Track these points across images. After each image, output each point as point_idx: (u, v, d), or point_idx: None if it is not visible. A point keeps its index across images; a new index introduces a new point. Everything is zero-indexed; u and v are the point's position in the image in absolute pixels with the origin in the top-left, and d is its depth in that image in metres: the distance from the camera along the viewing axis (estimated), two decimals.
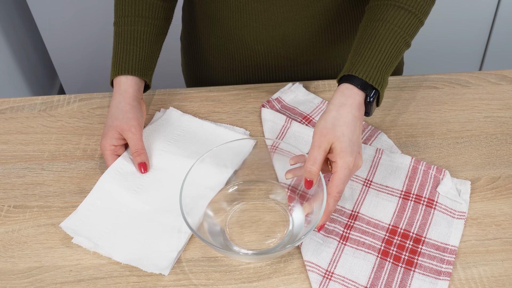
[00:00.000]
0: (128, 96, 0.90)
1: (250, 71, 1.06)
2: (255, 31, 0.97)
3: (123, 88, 0.90)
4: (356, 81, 0.78)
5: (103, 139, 0.87)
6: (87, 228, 0.81)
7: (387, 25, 0.81)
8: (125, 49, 0.92)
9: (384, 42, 0.80)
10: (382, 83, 0.79)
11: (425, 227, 0.80)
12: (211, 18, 1.00)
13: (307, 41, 0.99)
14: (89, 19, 1.86)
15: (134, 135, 0.87)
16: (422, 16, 0.83)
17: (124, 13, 0.93)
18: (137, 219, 0.82)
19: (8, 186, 0.88)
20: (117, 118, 0.87)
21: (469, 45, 2.00)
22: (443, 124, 0.94)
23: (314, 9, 0.94)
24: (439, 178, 0.85)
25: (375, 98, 0.79)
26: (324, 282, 0.75)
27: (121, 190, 0.84)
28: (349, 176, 0.75)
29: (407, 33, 0.81)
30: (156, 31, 0.94)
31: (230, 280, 0.76)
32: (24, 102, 1.01)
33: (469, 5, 1.87)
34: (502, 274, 0.76)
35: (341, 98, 0.77)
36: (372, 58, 0.79)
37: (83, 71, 2.02)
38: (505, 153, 0.89)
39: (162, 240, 0.79)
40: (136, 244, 0.79)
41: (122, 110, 0.88)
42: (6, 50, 1.85)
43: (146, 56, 0.92)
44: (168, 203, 0.83)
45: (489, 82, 1.00)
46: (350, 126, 0.76)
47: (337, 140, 0.75)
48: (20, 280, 0.77)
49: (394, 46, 0.80)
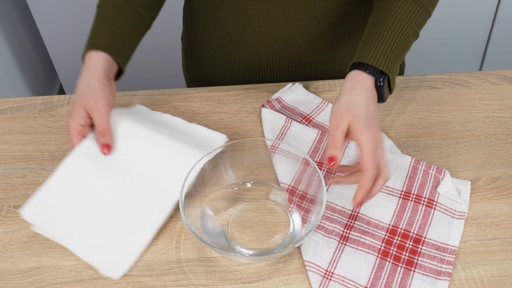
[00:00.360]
0: (98, 73, 0.86)
1: (251, 72, 1.06)
2: (257, 32, 0.97)
3: (93, 65, 0.86)
4: (365, 67, 0.79)
5: (69, 118, 0.84)
6: (47, 216, 0.79)
7: (395, 14, 0.81)
8: (102, 27, 0.89)
9: (393, 30, 0.81)
10: (392, 69, 0.79)
11: (425, 227, 0.80)
12: (212, 19, 1.00)
13: (308, 43, 0.99)
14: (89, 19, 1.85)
15: (101, 114, 0.84)
16: (429, 7, 0.84)
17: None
18: (100, 209, 0.80)
19: (8, 186, 0.88)
20: (85, 96, 0.84)
21: (469, 45, 2.00)
22: (443, 124, 0.94)
23: (316, 11, 0.94)
24: (439, 178, 0.85)
25: (385, 82, 0.80)
26: (324, 282, 0.75)
27: (85, 175, 0.82)
28: (376, 149, 0.74)
29: (415, 22, 0.82)
30: (138, 18, 0.92)
31: (230, 280, 0.76)
32: (24, 102, 1.01)
33: (469, 5, 1.87)
34: (502, 274, 0.76)
35: (351, 83, 0.78)
36: (380, 46, 0.80)
37: None
38: (505, 153, 0.90)
39: (124, 238, 0.78)
40: (96, 239, 0.78)
41: (90, 88, 0.84)
42: (6, 50, 1.85)
43: (122, 39, 0.89)
44: (135, 195, 0.82)
45: (489, 82, 1.00)
46: (363, 105, 0.76)
47: (353, 120, 0.75)
48: (20, 280, 0.77)
49: (403, 35, 0.81)
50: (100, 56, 0.87)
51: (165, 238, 0.81)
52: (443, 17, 1.89)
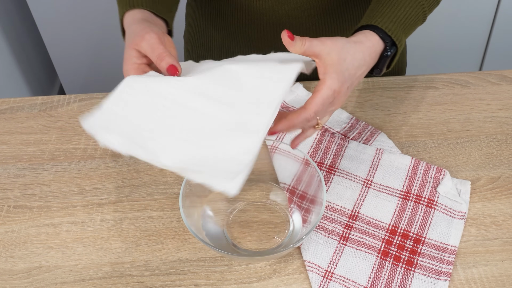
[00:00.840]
0: (140, 19, 0.75)
1: None
2: (260, 29, 0.97)
3: (136, 17, 0.76)
4: (378, 30, 0.74)
5: (123, 65, 0.72)
6: (120, 124, 0.61)
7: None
8: None
9: (404, 2, 0.77)
10: (401, 39, 0.76)
11: (425, 227, 0.80)
12: (215, 16, 1.00)
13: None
14: (89, 19, 1.86)
15: (151, 39, 0.69)
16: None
17: None
18: (187, 114, 0.62)
19: (8, 186, 0.88)
20: (131, 37, 0.73)
21: (469, 45, 2.00)
22: (443, 124, 0.94)
23: (319, 7, 0.94)
24: (439, 178, 0.85)
25: (392, 53, 0.76)
26: (324, 282, 0.75)
27: (158, 81, 0.64)
28: (329, 103, 0.68)
29: (426, 2, 0.79)
30: None
31: (230, 280, 0.76)
32: (24, 102, 1.01)
33: (469, 5, 1.87)
34: (502, 274, 0.76)
35: (361, 37, 0.73)
36: (392, 13, 0.75)
37: (83, 71, 2.02)
38: (505, 153, 0.89)
39: (227, 139, 0.60)
40: (190, 145, 0.60)
41: (135, 31, 0.73)
42: (6, 50, 1.85)
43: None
44: (224, 95, 0.64)
45: (489, 82, 1.00)
46: (355, 61, 0.70)
47: (333, 52, 0.68)
48: (20, 280, 0.77)
49: (413, 10, 0.77)
50: (140, 11, 0.77)
51: (165, 238, 0.81)
52: (443, 17, 1.89)
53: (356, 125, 0.93)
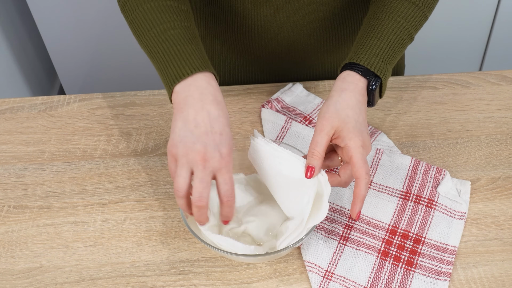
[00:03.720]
0: (214, 94, 0.70)
1: (253, 76, 1.05)
2: (260, 36, 0.97)
3: (203, 85, 0.70)
4: (358, 68, 0.76)
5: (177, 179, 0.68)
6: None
7: (390, 15, 0.79)
8: (185, 50, 0.73)
9: (387, 32, 0.78)
10: (385, 71, 0.77)
11: (425, 227, 0.80)
12: (215, 24, 1.00)
13: (312, 46, 0.98)
14: (89, 19, 1.86)
15: (228, 175, 0.69)
16: (426, 10, 0.81)
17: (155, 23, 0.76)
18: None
19: (8, 186, 0.88)
20: (228, 137, 0.70)
21: (469, 46, 2.00)
22: (443, 125, 0.94)
23: (320, 14, 0.94)
24: (439, 179, 0.85)
25: (377, 86, 0.77)
26: (324, 283, 0.75)
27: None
28: (365, 155, 0.71)
29: (410, 25, 0.80)
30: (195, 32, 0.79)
31: (230, 280, 0.76)
32: (24, 103, 1.01)
33: (469, 6, 1.87)
34: (502, 275, 0.76)
35: (343, 84, 0.75)
36: (374, 47, 0.77)
37: (83, 71, 2.02)
38: (505, 153, 0.89)
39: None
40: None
41: (226, 130, 0.70)
42: (6, 50, 1.85)
43: (204, 55, 0.75)
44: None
45: (489, 83, 1.00)
46: (355, 108, 0.73)
47: (342, 123, 0.71)
48: (20, 281, 0.77)
49: (397, 37, 0.79)
50: (206, 75, 0.72)
51: (165, 238, 0.81)
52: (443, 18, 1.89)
53: None
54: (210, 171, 0.68)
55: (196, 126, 0.68)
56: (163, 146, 0.93)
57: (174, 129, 0.69)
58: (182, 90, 0.71)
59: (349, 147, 0.71)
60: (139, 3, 0.77)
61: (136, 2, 0.78)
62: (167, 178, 0.88)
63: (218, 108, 0.70)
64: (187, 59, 0.72)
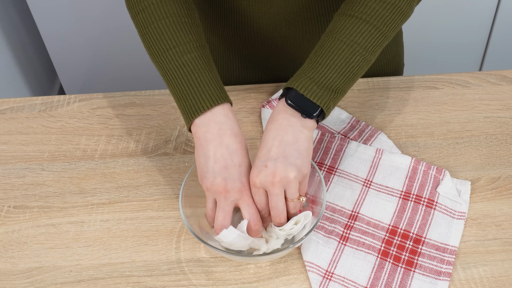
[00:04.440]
0: (234, 128, 0.74)
1: (250, 73, 1.06)
2: (256, 32, 0.97)
3: (222, 120, 0.74)
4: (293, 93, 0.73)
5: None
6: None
7: (341, 38, 0.73)
8: (202, 80, 0.75)
9: (336, 57, 0.73)
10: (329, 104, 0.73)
11: (425, 227, 0.80)
12: (211, 20, 1.00)
13: (307, 42, 0.99)
14: (89, 19, 1.86)
15: (252, 209, 0.75)
16: (385, 29, 0.74)
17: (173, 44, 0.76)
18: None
19: (8, 187, 0.88)
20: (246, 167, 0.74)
21: (469, 46, 2.00)
22: (443, 125, 0.94)
23: (315, 11, 0.94)
24: (439, 179, 0.85)
25: (319, 117, 0.74)
26: (324, 283, 0.75)
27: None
28: (259, 170, 0.71)
29: (365, 49, 0.73)
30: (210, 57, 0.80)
31: (230, 280, 0.76)
32: (24, 103, 1.01)
33: (469, 6, 1.87)
34: (502, 275, 0.76)
35: (272, 115, 0.75)
36: (318, 73, 0.73)
37: (83, 71, 2.02)
38: (505, 153, 0.89)
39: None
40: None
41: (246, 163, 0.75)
42: (6, 50, 1.85)
43: (219, 83, 0.77)
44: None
45: (489, 83, 1.00)
46: (266, 142, 0.73)
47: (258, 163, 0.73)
48: (20, 281, 0.77)
49: (349, 63, 0.73)
50: (224, 108, 0.74)
51: (165, 238, 0.81)
52: (443, 18, 1.89)
53: (356, 125, 0.93)
54: (231, 201, 0.73)
55: (215, 161, 0.73)
56: (163, 146, 0.93)
57: (199, 165, 0.74)
58: (202, 125, 0.74)
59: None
60: (154, 19, 0.77)
61: (150, 16, 0.77)
62: (167, 178, 0.88)
63: (236, 142, 0.74)
64: (205, 90, 0.74)
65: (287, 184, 0.72)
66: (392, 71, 1.08)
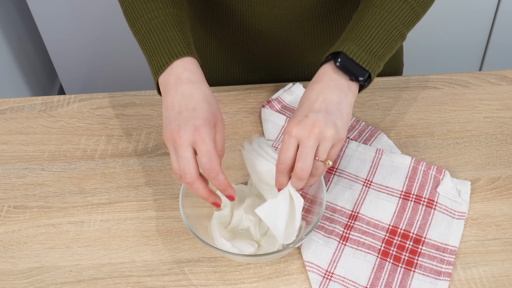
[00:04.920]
0: (199, 77, 0.74)
1: (251, 74, 1.06)
2: (258, 34, 0.97)
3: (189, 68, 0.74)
4: (342, 56, 0.74)
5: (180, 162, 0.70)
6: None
7: (381, 12, 0.76)
8: (168, 37, 0.76)
9: (377, 27, 0.75)
10: (375, 67, 0.75)
11: (425, 227, 0.80)
12: (211, 22, 1.00)
13: (309, 43, 0.99)
14: (89, 19, 1.86)
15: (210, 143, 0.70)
16: (419, 10, 0.79)
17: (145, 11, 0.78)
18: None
19: (8, 187, 0.88)
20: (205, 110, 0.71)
21: (469, 46, 2.00)
22: (443, 125, 0.94)
23: (318, 12, 0.94)
24: (439, 179, 0.85)
25: (365, 83, 0.75)
26: (324, 283, 0.75)
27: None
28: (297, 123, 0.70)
29: (403, 24, 0.77)
30: (187, 20, 0.81)
31: (230, 280, 0.76)
32: (24, 103, 1.01)
33: (469, 5, 1.87)
34: (502, 275, 0.76)
35: (316, 77, 0.75)
36: (359, 39, 0.74)
37: (83, 71, 2.02)
38: (505, 153, 0.89)
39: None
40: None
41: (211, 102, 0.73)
42: (6, 50, 1.85)
43: (190, 42, 0.77)
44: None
45: (489, 83, 1.00)
46: (307, 98, 0.72)
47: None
48: (20, 281, 0.77)
49: (386, 32, 0.76)
50: (184, 61, 0.74)
51: (165, 238, 0.81)
52: (443, 18, 1.89)
53: (356, 125, 0.93)
54: (187, 146, 0.69)
55: (172, 109, 0.71)
56: (163, 146, 0.93)
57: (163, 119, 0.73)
58: (163, 81, 0.74)
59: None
60: None
61: None
62: (167, 178, 0.88)
63: (192, 87, 0.72)
64: (167, 47, 0.75)
65: (322, 140, 0.70)
66: (392, 71, 1.08)
